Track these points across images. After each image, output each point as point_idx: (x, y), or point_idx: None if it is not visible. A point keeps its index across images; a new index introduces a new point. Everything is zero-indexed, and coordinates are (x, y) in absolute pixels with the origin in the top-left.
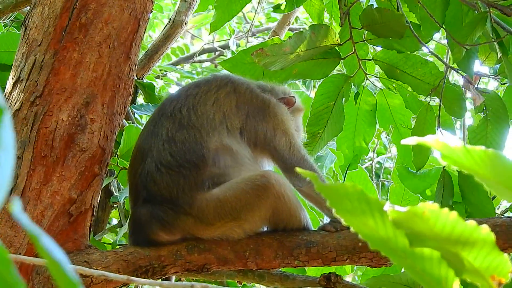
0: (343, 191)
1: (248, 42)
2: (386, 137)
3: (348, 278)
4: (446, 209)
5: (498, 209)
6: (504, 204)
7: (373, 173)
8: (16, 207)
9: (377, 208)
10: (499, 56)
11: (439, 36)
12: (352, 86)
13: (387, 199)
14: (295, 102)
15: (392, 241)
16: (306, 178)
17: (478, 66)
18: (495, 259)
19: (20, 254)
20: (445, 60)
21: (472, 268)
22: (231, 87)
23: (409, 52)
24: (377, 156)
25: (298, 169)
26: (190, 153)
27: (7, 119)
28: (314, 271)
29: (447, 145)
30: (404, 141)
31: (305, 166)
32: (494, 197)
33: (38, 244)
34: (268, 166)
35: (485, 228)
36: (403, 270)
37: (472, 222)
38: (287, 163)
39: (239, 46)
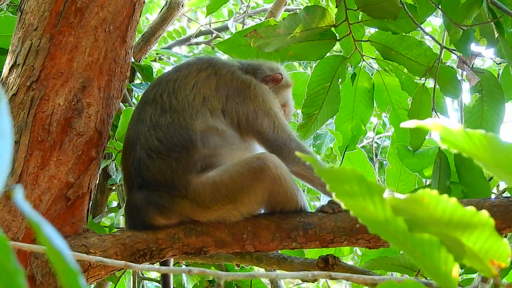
0: (343, 175)
1: (244, 24)
2: (386, 116)
3: (351, 262)
4: (445, 195)
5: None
6: (502, 185)
7: (373, 152)
8: (18, 194)
9: (377, 193)
10: (496, 36)
11: (434, 16)
12: (349, 68)
13: (385, 179)
14: (282, 79)
15: (392, 226)
16: (296, 158)
17: (473, 46)
18: (495, 244)
19: (18, 238)
20: (439, 41)
21: (471, 253)
22: (212, 69)
23: (404, 34)
24: (376, 135)
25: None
26: (177, 137)
27: (4, 106)
28: (312, 254)
29: (446, 128)
30: (403, 124)
31: (291, 146)
32: (491, 178)
33: (39, 232)
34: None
35: (484, 213)
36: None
37: (471, 208)
38: (273, 144)
39: (236, 28)
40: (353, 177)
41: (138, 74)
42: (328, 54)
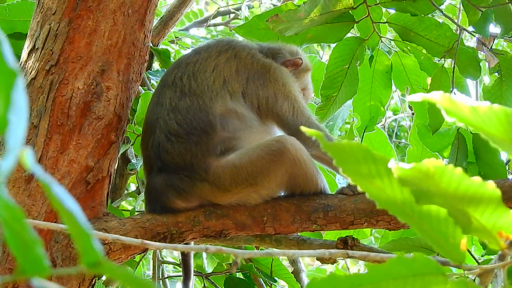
0: (349, 150)
1: (261, 3)
2: (399, 96)
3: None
4: (451, 166)
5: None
6: None
7: (386, 130)
8: (28, 155)
9: (383, 166)
10: None
11: None
12: (367, 49)
13: (402, 159)
14: (301, 63)
15: (399, 200)
16: (315, 141)
17: (492, 27)
18: (502, 216)
19: None
20: (457, 21)
21: (479, 225)
22: (232, 52)
23: (423, 15)
24: (394, 114)
25: (303, 128)
26: (196, 120)
27: (19, 83)
28: (332, 236)
29: (453, 101)
30: (409, 98)
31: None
32: (508, 161)
33: (49, 192)
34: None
35: (490, 184)
36: None
37: (477, 178)
38: (292, 128)
39: (252, 7)
40: (359, 152)
41: (156, 58)
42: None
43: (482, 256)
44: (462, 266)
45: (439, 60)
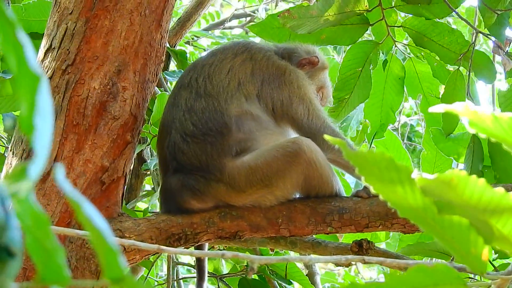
0: (372, 159)
1: (277, 5)
2: (415, 101)
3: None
4: (474, 177)
5: None
6: None
7: (399, 134)
8: (59, 173)
9: (406, 176)
10: None
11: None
12: (381, 54)
13: (417, 162)
14: (318, 61)
15: (421, 209)
16: (331, 145)
17: (508, 31)
18: None
19: (52, 222)
20: (473, 25)
21: (501, 236)
22: (248, 54)
23: (437, 20)
24: (408, 117)
25: (326, 137)
26: (212, 121)
27: (44, 87)
28: (347, 239)
29: (475, 112)
30: (432, 109)
31: (326, 132)
32: None
33: (79, 211)
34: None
35: None
36: None
37: (500, 189)
38: (307, 131)
39: (268, 10)
40: (382, 160)
41: (173, 59)
42: (360, 39)
43: (494, 260)
44: (484, 276)
45: (454, 65)
